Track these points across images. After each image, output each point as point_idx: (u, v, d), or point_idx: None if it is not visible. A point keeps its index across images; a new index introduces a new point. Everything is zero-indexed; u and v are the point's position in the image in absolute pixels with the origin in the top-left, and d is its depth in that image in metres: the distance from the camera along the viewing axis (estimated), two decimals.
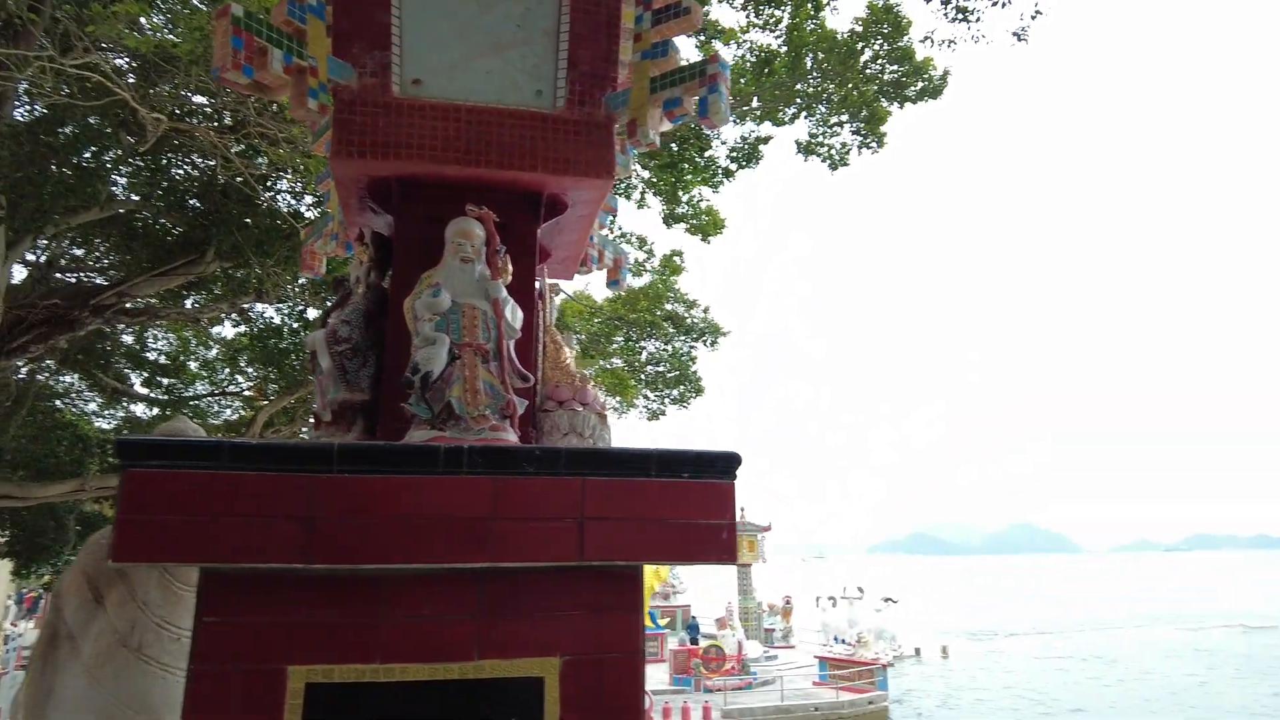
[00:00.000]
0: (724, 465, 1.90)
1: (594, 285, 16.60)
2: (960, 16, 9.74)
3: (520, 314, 2.35)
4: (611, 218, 13.15)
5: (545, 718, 1.85)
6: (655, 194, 12.50)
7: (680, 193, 12.18)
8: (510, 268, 2.43)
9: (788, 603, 35.79)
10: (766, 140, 11.73)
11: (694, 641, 27.46)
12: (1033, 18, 9.57)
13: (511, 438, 2.15)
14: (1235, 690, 29.36)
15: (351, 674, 1.83)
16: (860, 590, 26.78)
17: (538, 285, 2.72)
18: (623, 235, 13.43)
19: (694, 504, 1.87)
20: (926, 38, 10.28)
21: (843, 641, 25.94)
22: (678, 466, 1.90)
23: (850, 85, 10.73)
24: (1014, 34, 9.79)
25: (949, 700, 27.28)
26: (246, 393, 15.29)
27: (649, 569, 31.34)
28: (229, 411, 16.09)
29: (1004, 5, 9.34)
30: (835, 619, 26.85)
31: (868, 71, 10.76)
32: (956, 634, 48.48)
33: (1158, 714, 25.48)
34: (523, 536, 1.85)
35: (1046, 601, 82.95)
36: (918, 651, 38.87)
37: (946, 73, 10.83)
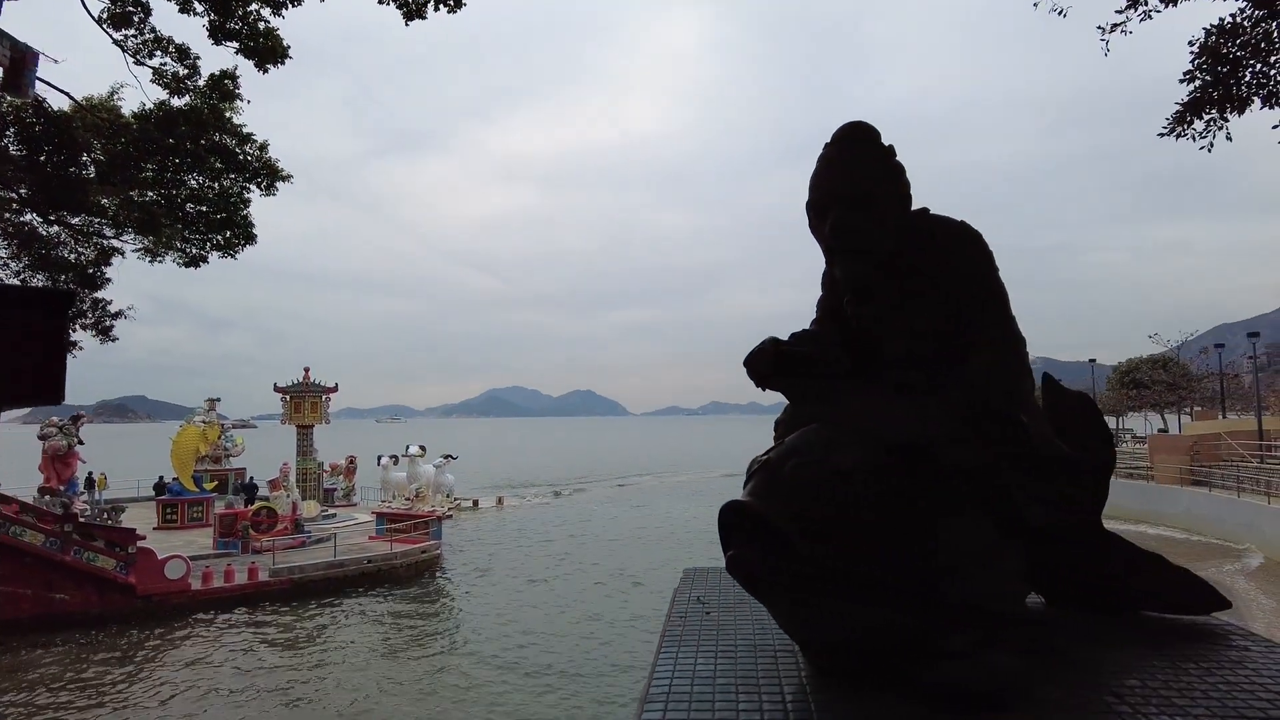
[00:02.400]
0: (50, 303, 1.67)
1: (129, 97, 13.60)
2: None
3: None
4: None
5: None
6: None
7: (233, 4, 10.50)
8: None
9: (351, 463, 35.65)
10: None
11: (250, 503, 26.10)
12: None
13: None
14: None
15: None
16: (422, 448, 27.74)
17: None
18: (156, 39, 11.14)
19: (8, 343, 1.62)
20: None
21: (406, 498, 26.87)
22: None
23: None
24: None
25: (497, 545, 30.26)
26: None
27: (195, 432, 28.45)
28: None
29: None
30: (395, 476, 27.53)
31: None
32: (514, 487, 53.58)
33: (657, 537, 31.57)
34: None
35: (600, 457, 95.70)
36: (475, 504, 42.11)
37: None
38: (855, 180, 2.31)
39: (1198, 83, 7.32)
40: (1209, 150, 7.52)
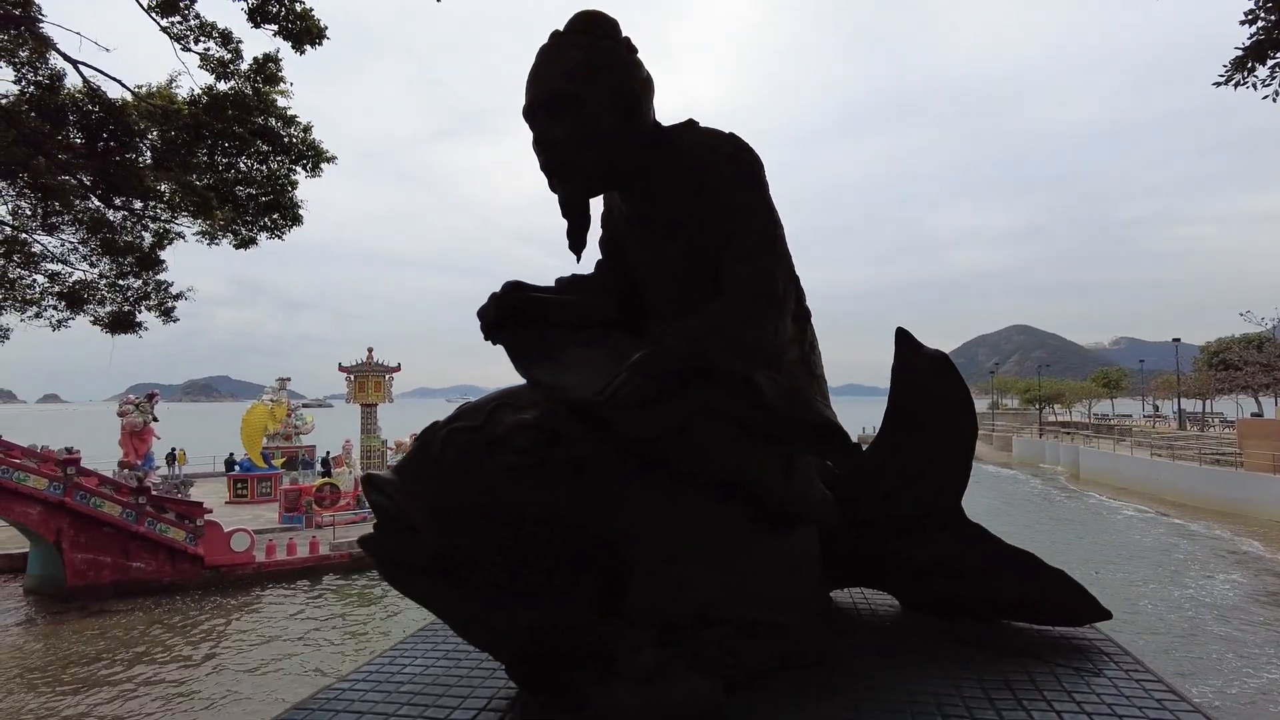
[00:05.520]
0: None
1: (181, 84, 14.00)
2: None
3: None
4: None
5: None
6: None
7: None
8: None
9: (415, 441, 36.52)
10: None
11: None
12: None
13: None
14: None
15: None
16: None
17: None
18: (200, 25, 11.38)
19: None
20: None
21: None
22: None
23: None
24: None
25: None
26: None
27: (263, 410, 29.57)
28: None
29: None
30: None
31: None
32: None
33: None
34: None
35: None
36: None
37: None
38: (554, 81, 1.81)
39: (1261, 23, 6.53)
40: (1274, 99, 6.75)
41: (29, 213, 14.09)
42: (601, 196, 2.21)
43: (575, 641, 1.70)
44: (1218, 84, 7.14)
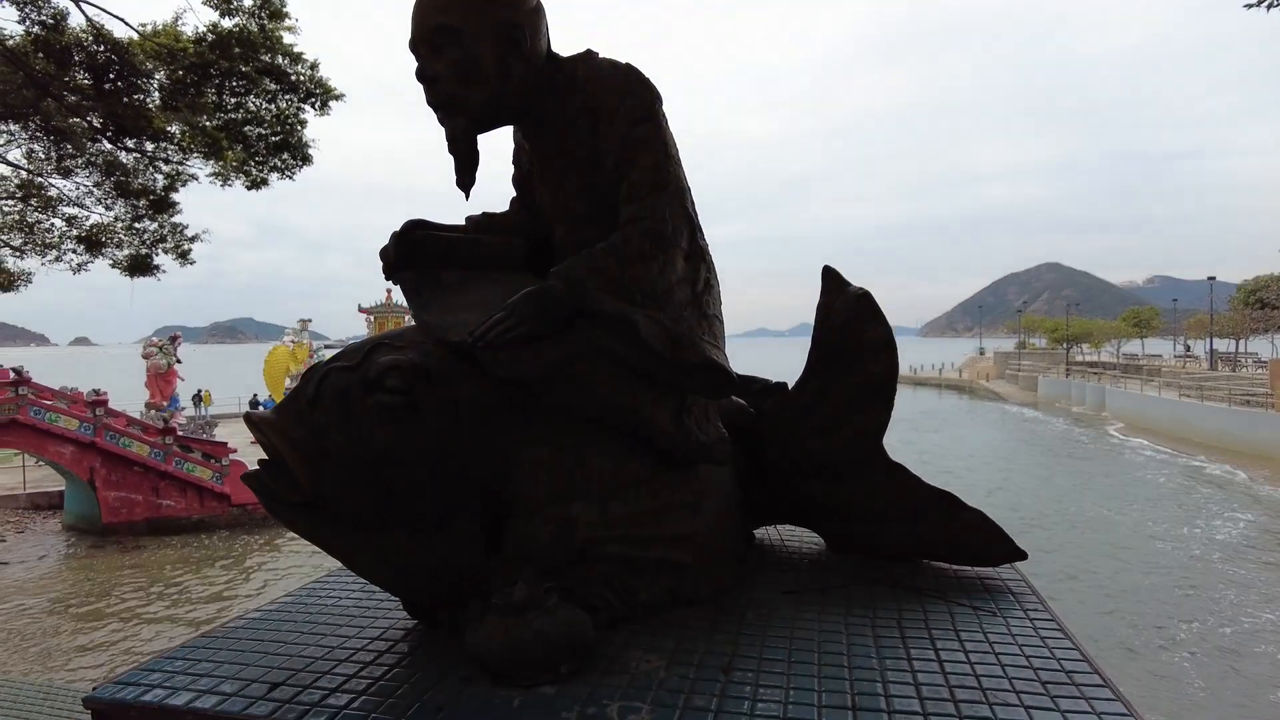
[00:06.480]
0: None
1: (188, 22, 13.73)
2: None
3: None
4: None
5: None
6: None
7: None
8: None
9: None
10: None
11: None
12: None
13: None
14: None
15: None
16: None
17: None
18: None
19: None
20: None
21: None
22: None
23: None
24: None
25: None
26: None
27: (284, 351, 29.84)
28: None
29: None
30: None
31: None
32: None
33: None
34: None
35: None
36: None
37: None
38: (435, 13, 1.75)
39: None
40: None
41: (43, 156, 14.08)
42: (513, 133, 2.17)
43: (455, 578, 1.74)
44: (1249, 6, 6.70)
